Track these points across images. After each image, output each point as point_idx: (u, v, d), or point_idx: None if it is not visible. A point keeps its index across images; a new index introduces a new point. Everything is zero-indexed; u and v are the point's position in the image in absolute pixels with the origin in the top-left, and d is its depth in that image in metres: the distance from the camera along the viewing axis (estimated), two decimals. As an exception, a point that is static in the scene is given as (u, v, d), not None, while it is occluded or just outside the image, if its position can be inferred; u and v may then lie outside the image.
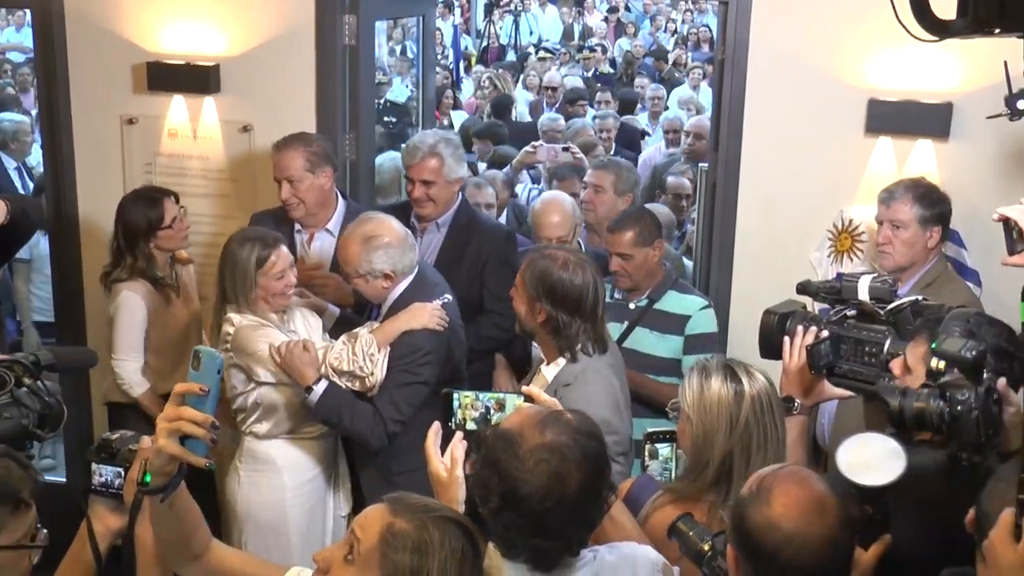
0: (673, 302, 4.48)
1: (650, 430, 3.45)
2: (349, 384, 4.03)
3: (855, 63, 4.57)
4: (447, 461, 2.62)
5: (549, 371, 3.59)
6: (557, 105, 10.30)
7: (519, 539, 2.32)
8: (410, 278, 4.12)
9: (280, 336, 4.08)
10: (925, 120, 4.49)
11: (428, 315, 4.02)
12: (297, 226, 4.72)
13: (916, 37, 1.93)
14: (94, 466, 2.31)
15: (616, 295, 4.53)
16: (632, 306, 4.51)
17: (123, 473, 2.28)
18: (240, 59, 5.14)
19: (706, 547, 2.51)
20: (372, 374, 4.00)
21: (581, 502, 2.32)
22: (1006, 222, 2.55)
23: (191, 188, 5.12)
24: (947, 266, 4.28)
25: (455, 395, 2.82)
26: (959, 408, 2.33)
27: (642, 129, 9.79)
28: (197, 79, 5.13)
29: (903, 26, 1.92)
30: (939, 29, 1.85)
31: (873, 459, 2.38)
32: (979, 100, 4.26)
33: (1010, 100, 3.82)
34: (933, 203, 4.17)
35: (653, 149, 8.71)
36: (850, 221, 4.69)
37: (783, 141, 4.71)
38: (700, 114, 9.00)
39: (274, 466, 4.20)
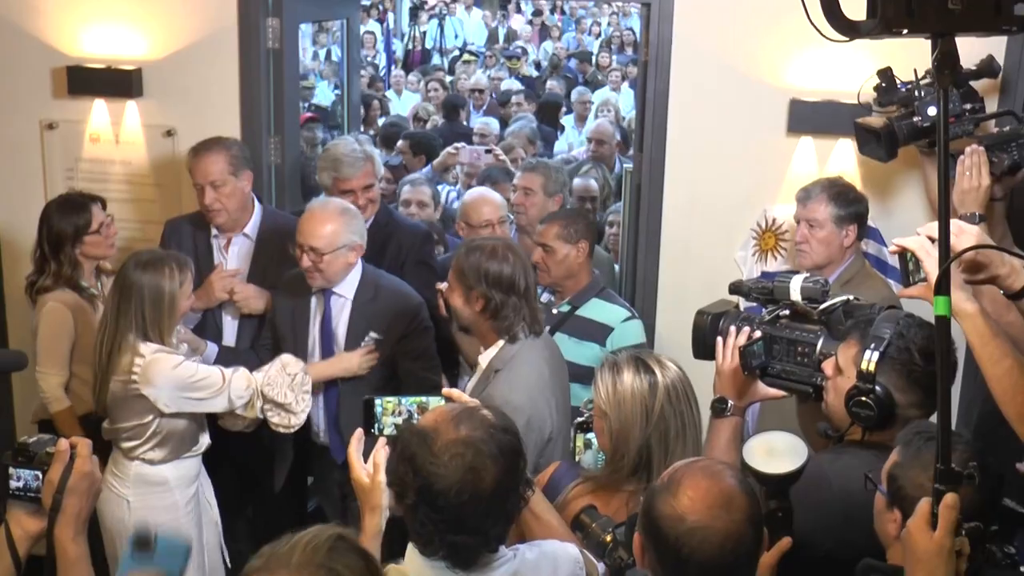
0: (596, 310, 4.47)
1: (579, 419, 3.47)
2: (270, 413, 4.04)
3: (777, 64, 4.63)
4: (369, 467, 2.63)
5: (485, 357, 3.63)
6: (485, 107, 10.27)
7: (436, 535, 2.33)
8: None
9: (193, 365, 4.01)
10: (845, 120, 4.54)
11: (356, 362, 4.17)
12: (214, 231, 4.66)
13: (827, 37, 1.96)
14: (11, 470, 2.28)
15: (543, 298, 4.54)
16: (556, 311, 4.52)
17: (41, 476, 2.26)
18: (163, 62, 5.07)
19: (608, 538, 2.54)
20: (303, 412, 4.05)
21: (497, 496, 2.33)
22: (902, 254, 2.57)
23: (114, 194, 5.03)
24: (864, 263, 4.35)
25: (377, 401, 2.82)
26: None
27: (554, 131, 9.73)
28: (119, 83, 5.06)
29: (814, 26, 1.95)
30: (849, 29, 1.89)
31: (776, 451, 2.43)
32: (896, 100, 4.36)
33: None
34: (848, 202, 4.25)
35: (572, 156, 8.61)
36: (773, 220, 4.75)
37: (707, 142, 4.75)
38: (622, 117, 9.02)
39: (167, 486, 4.09)
